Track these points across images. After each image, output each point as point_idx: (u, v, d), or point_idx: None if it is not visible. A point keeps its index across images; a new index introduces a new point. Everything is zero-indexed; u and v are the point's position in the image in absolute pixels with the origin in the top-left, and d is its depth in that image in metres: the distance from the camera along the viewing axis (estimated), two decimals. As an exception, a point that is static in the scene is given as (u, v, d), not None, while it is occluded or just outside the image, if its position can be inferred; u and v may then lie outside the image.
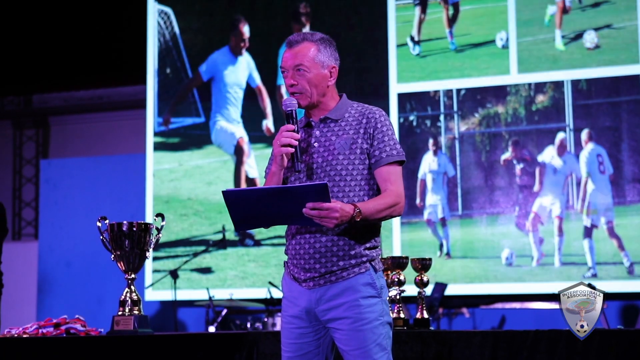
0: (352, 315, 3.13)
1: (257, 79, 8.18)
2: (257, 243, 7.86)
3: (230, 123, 8.19)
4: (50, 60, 9.76)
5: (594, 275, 7.13)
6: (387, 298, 3.26)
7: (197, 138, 8.19)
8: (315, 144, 3.23)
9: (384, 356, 3.15)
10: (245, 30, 8.24)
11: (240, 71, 8.23)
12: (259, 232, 7.85)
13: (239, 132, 8.17)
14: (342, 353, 3.20)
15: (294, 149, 3.15)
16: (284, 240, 3.29)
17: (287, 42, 3.27)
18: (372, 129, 3.22)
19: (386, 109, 7.08)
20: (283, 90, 7.98)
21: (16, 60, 9.82)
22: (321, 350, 3.24)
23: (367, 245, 3.21)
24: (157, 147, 8.18)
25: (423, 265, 4.66)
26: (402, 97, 7.76)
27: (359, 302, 3.13)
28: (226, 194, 3.03)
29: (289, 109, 3.21)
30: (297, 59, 3.21)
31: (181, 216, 7.98)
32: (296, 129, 3.18)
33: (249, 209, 3.05)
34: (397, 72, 7.79)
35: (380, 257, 3.27)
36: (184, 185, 8.06)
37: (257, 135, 8.14)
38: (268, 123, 8.11)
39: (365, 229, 3.19)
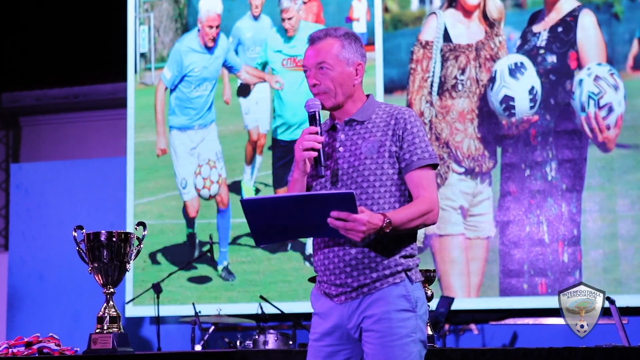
0: (382, 329, 3.03)
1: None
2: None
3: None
4: (21, 56, 9.62)
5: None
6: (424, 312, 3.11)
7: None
8: (341, 149, 3.14)
9: None
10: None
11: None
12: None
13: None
14: None
15: (317, 153, 3.04)
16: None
17: (309, 38, 3.20)
18: (401, 130, 3.12)
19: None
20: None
21: (-18, 56, 9.75)
22: None
23: (402, 253, 3.09)
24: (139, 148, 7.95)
25: (427, 277, 4.68)
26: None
27: (390, 315, 3.03)
28: (245, 203, 2.91)
29: (312, 110, 3.12)
30: (319, 56, 3.13)
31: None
32: (319, 132, 3.08)
33: (270, 219, 2.92)
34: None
35: (417, 266, 3.15)
36: (167, 190, 7.85)
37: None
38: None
39: (400, 236, 3.07)
